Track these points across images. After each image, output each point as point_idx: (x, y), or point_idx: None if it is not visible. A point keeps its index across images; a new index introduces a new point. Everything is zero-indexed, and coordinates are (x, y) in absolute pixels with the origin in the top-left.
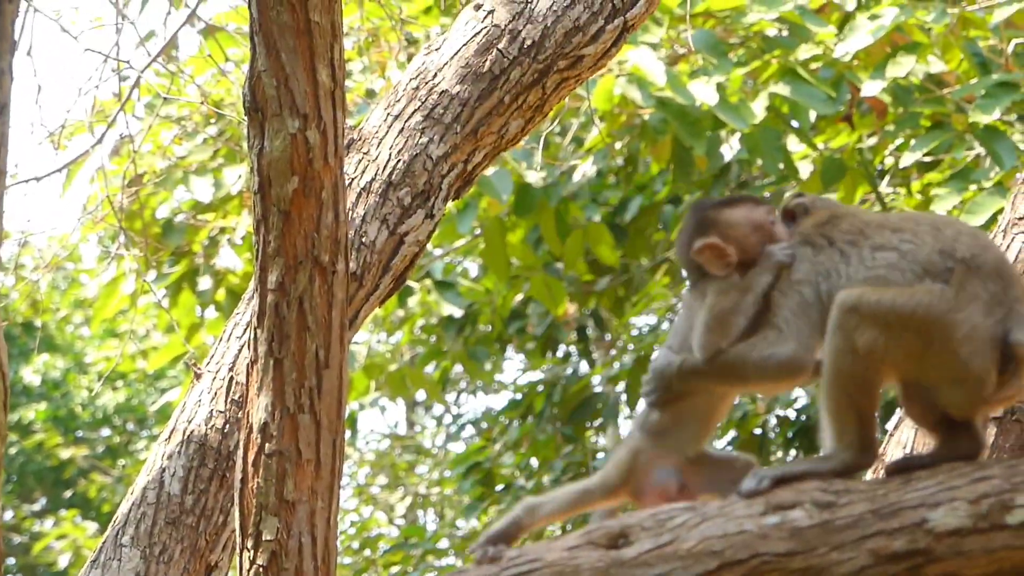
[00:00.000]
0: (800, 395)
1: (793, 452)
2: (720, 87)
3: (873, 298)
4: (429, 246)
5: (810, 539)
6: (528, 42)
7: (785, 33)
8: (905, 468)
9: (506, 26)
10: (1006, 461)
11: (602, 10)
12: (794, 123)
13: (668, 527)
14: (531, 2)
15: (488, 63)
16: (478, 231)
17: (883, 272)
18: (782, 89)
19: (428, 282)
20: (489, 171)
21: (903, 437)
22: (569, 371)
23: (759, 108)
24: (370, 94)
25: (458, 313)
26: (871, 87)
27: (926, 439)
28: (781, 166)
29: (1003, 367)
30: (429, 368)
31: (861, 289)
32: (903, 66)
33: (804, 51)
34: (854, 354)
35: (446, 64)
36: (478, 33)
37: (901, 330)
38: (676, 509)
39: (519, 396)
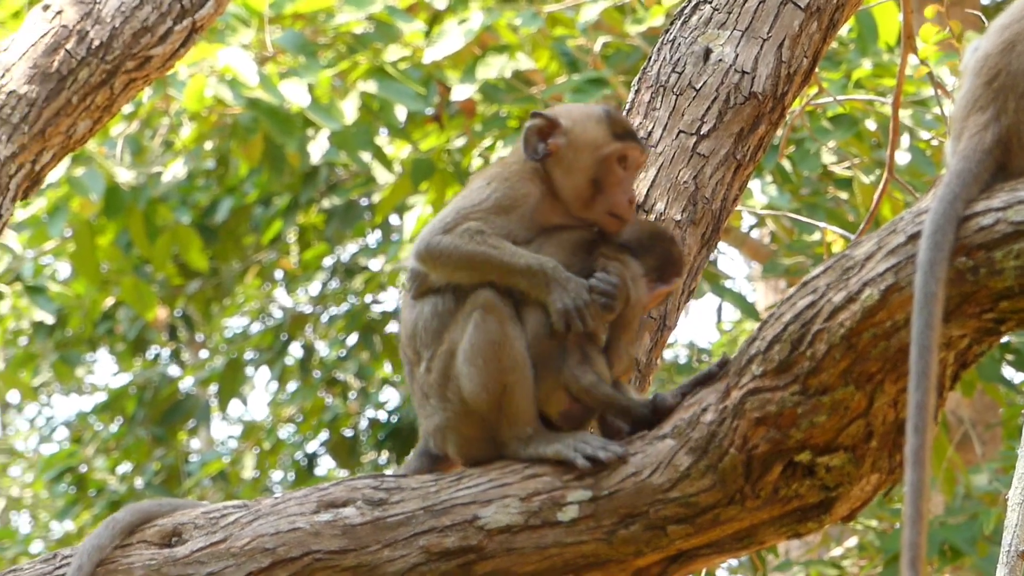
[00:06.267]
0: (392, 397)
1: (385, 454)
2: (311, 87)
3: None
4: (20, 248)
5: (362, 536)
6: (96, 43)
7: (373, 31)
8: None
9: (74, 26)
10: None
11: (170, 11)
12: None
13: (221, 525)
14: (99, 2)
15: (56, 63)
16: (68, 233)
17: None
18: (371, 87)
19: (19, 286)
20: (80, 171)
21: None
22: (160, 373)
23: (350, 107)
24: None
25: (50, 319)
26: (461, 91)
27: None
28: (369, 159)
29: None
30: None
31: None
32: (492, 67)
33: (393, 52)
34: None
35: (14, 64)
36: (46, 33)
37: None
38: (229, 507)
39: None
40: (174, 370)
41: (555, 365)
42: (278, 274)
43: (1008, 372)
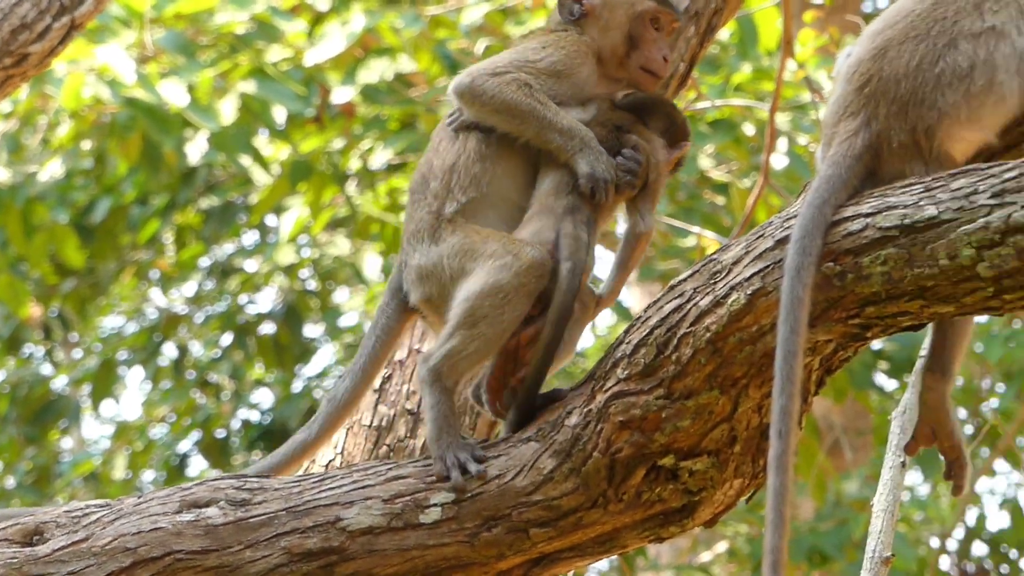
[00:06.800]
0: (265, 398)
1: (258, 454)
2: (190, 88)
3: None
4: None
5: (224, 537)
6: None
7: (255, 31)
8: None
9: None
10: (422, 459)
11: (49, 8)
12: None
13: (83, 524)
14: None
15: None
16: None
17: None
18: (251, 87)
19: None
20: None
21: (334, 437)
22: (33, 372)
23: (229, 107)
24: None
25: None
26: (342, 93)
27: (357, 440)
28: (249, 163)
29: None
30: None
31: None
32: (374, 71)
33: (275, 52)
34: None
35: None
36: None
37: None
38: (92, 506)
39: None
40: (47, 369)
41: (559, 209)
42: (154, 274)
43: (881, 379)
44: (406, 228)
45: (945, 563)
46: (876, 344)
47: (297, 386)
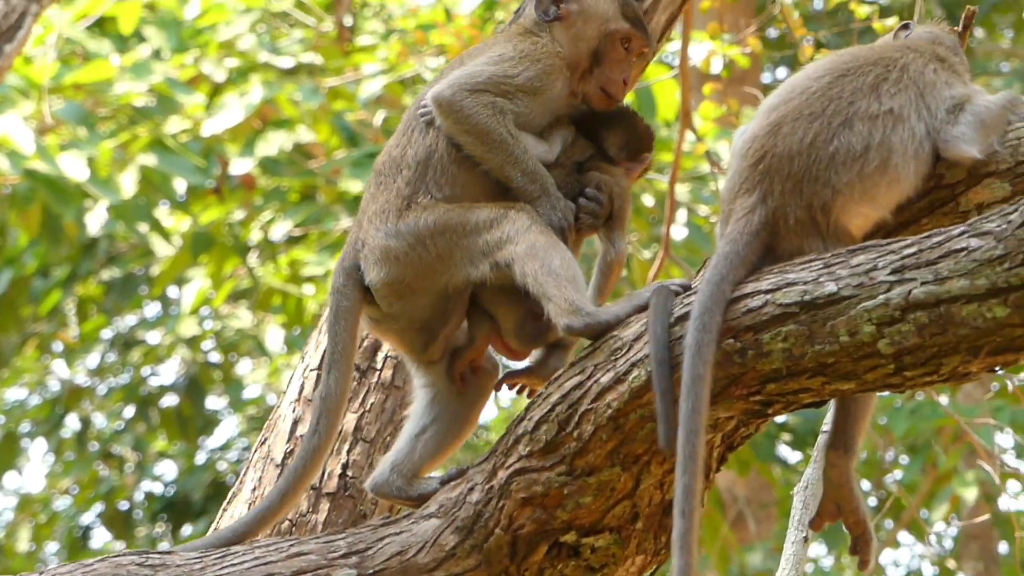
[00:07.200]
0: (168, 470)
1: (161, 527)
2: (90, 160)
3: None
4: None
5: None
6: None
7: (154, 103)
8: None
9: None
10: (324, 535)
11: None
12: (165, 201)
13: None
14: None
15: None
16: None
17: None
18: (151, 159)
19: None
20: None
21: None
22: None
23: (130, 179)
24: None
25: None
26: (240, 165)
27: None
28: (147, 231)
29: None
30: None
31: None
32: (272, 143)
33: (174, 124)
34: None
35: None
36: None
37: None
38: None
39: None
40: None
41: None
42: (56, 346)
43: (784, 451)
44: (366, 207)
45: None
46: (770, 420)
47: (200, 458)
